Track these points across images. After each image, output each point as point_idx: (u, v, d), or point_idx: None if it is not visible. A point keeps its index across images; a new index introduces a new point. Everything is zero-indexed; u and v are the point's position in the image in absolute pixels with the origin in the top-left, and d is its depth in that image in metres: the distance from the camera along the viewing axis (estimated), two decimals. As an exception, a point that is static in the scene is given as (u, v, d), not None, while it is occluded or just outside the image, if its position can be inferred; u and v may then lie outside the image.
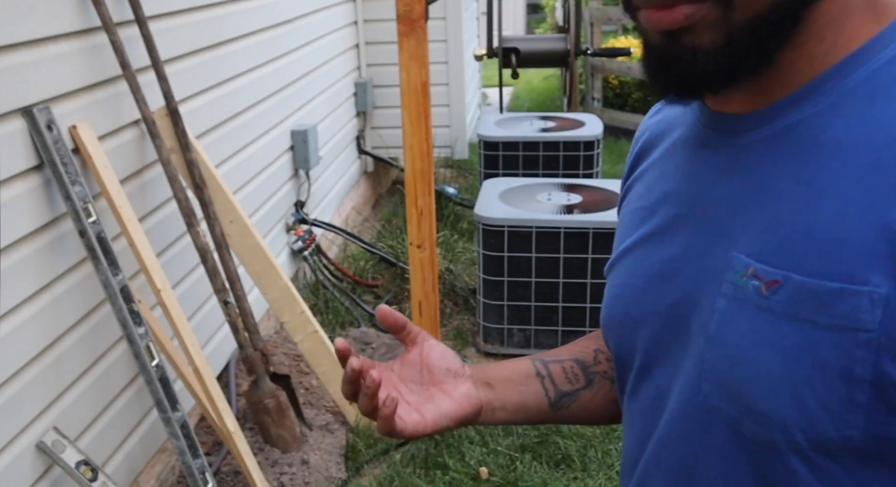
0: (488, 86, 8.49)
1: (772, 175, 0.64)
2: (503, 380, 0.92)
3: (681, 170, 0.74)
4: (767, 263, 0.61)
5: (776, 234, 0.62)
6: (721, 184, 0.68)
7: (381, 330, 3.74)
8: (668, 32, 0.63)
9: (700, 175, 0.71)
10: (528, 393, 0.92)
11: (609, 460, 2.82)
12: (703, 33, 0.62)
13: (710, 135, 0.71)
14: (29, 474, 1.98)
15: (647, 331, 0.75)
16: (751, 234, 0.64)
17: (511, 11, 12.59)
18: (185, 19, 2.80)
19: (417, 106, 2.80)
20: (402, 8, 2.71)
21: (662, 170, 0.77)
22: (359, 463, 2.83)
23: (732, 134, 0.68)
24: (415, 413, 0.83)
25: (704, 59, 0.62)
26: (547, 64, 6.70)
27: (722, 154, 0.69)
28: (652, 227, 0.75)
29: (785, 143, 0.64)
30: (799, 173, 0.62)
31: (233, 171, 3.17)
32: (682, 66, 0.63)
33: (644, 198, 0.79)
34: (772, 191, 0.64)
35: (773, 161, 0.64)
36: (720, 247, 0.66)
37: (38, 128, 1.99)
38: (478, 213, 3.53)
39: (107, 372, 2.30)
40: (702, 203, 0.70)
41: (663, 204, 0.74)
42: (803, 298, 0.59)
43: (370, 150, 5.46)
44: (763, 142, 0.66)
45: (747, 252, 0.63)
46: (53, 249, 2.08)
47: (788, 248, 0.61)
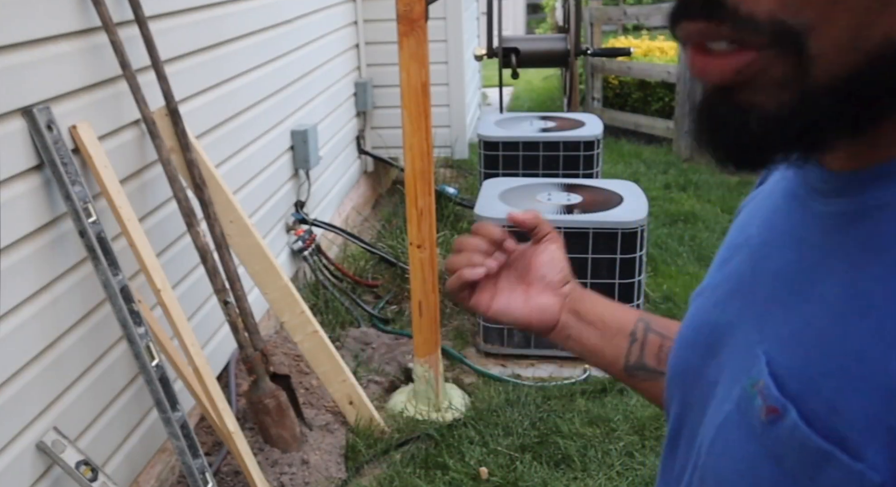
0: (488, 86, 8.49)
1: (827, 264, 0.50)
2: (595, 318, 0.89)
3: (765, 218, 0.61)
4: (777, 381, 0.50)
5: (800, 345, 0.49)
6: (782, 254, 0.55)
7: (381, 330, 3.74)
8: (716, 86, 0.49)
9: (775, 232, 0.58)
10: (609, 345, 0.88)
11: (609, 460, 2.82)
12: (764, 91, 0.47)
13: (801, 185, 0.56)
14: (29, 474, 1.98)
15: (680, 397, 0.65)
16: (779, 333, 0.52)
17: (511, 11, 12.59)
18: (185, 19, 2.80)
19: (417, 106, 2.80)
20: (402, 8, 2.71)
21: (759, 206, 0.64)
22: (359, 463, 2.83)
23: (816, 194, 0.53)
24: (487, 295, 0.89)
25: (760, 124, 0.47)
26: (547, 64, 6.70)
27: (796, 216, 0.55)
28: (722, 277, 0.63)
29: (851, 230, 0.49)
30: (854, 274, 0.48)
31: (233, 171, 3.17)
32: (729, 129, 0.49)
33: (736, 232, 0.66)
34: (819, 286, 0.50)
35: (836, 247, 0.50)
36: (753, 333, 0.55)
37: (38, 128, 1.99)
38: (478, 213, 3.53)
39: (107, 372, 2.30)
40: (760, 267, 0.58)
41: (739, 252, 0.62)
42: (793, 444, 0.47)
43: (370, 150, 5.46)
44: (834, 218, 0.51)
45: (768, 356, 0.51)
46: (53, 249, 2.08)
47: (804, 371, 0.48)
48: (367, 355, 3.51)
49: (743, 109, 0.47)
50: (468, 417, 3.09)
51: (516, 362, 3.55)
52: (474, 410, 3.15)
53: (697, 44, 0.49)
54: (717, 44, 0.48)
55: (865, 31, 0.43)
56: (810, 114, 0.46)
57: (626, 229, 3.35)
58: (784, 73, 0.46)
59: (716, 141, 0.50)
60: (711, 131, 0.50)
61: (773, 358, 0.51)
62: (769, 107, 0.47)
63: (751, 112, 0.47)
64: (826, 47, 0.44)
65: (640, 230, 3.37)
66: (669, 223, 5.05)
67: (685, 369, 0.63)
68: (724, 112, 0.49)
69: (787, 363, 0.50)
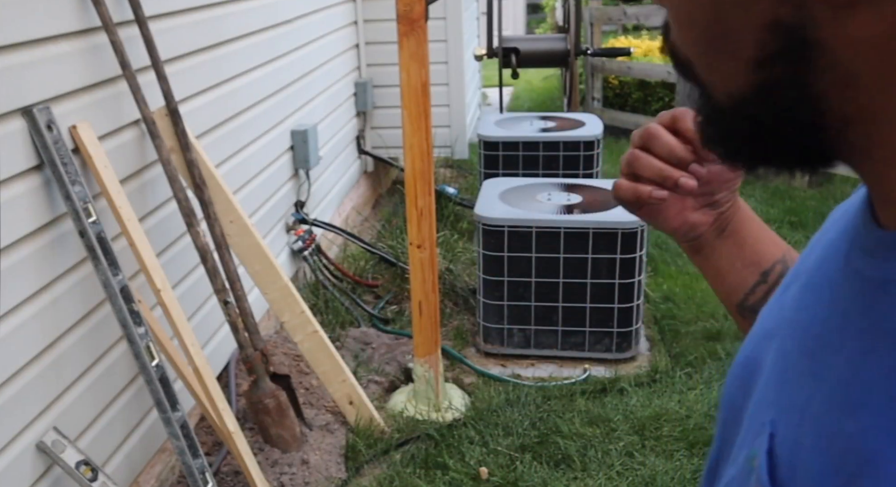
0: (488, 86, 8.49)
1: (842, 338, 0.45)
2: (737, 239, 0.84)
3: (820, 253, 0.55)
4: (772, 463, 0.46)
5: (799, 427, 0.45)
6: (816, 308, 0.50)
7: (381, 330, 3.75)
8: None
9: (819, 277, 0.53)
10: (735, 273, 0.84)
11: (609, 460, 2.82)
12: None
13: (851, 231, 0.50)
14: (29, 474, 1.98)
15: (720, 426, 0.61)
16: (788, 403, 0.48)
17: (511, 11, 12.59)
18: (185, 19, 2.80)
19: (417, 106, 2.80)
20: (402, 8, 2.71)
21: (825, 232, 0.58)
22: (359, 463, 2.83)
23: (857, 247, 0.48)
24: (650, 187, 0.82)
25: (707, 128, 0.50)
26: (547, 64, 6.70)
27: (838, 266, 0.50)
28: (777, 306, 0.59)
29: (874, 302, 0.44)
30: (860, 359, 0.43)
31: (233, 171, 3.17)
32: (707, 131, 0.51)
33: (803, 258, 0.60)
34: (829, 362, 0.45)
35: (855, 319, 0.45)
36: (772, 391, 0.51)
37: (38, 128, 1.99)
38: (478, 213, 3.53)
39: (107, 372, 2.30)
40: (796, 317, 0.53)
41: (794, 284, 0.57)
42: None
43: (370, 150, 5.46)
44: (861, 284, 0.46)
45: (773, 427, 0.48)
46: (53, 249, 2.08)
47: (795, 459, 0.44)
48: (367, 355, 3.51)
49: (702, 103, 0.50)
50: (468, 417, 3.09)
51: (516, 362, 3.55)
52: (474, 410, 3.15)
53: None
54: None
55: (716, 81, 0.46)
56: (723, 129, 0.48)
57: (626, 229, 3.35)
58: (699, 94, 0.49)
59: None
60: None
61: (776, 433, 0.47)
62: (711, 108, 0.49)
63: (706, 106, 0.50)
64: (704, 82, 0.48)
65: (640, 230, 3.37)
66: (669, 223, 5.03)
67: (731, 403, 0.59)
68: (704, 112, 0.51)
69: (784, 443, 0.46)
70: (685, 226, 0.85)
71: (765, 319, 0.59)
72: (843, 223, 0.53)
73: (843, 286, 0.48)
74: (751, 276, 0.83)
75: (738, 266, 0.84)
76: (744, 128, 0.46)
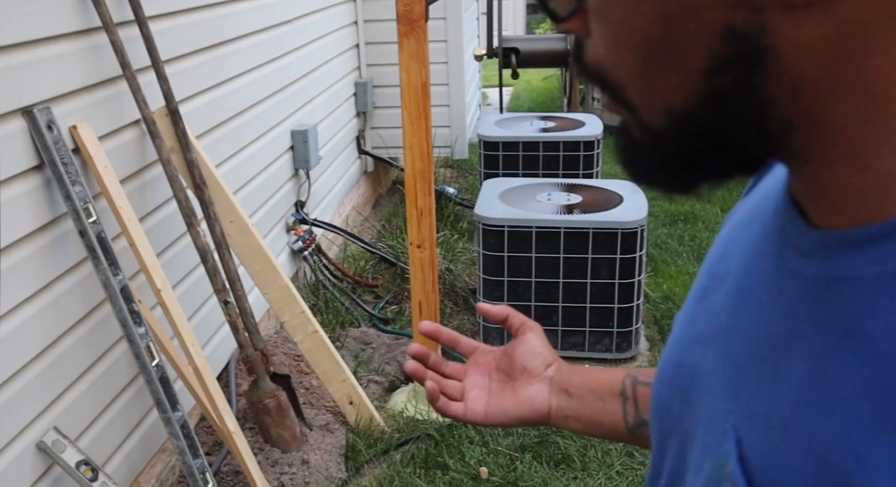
0: (488, 86, 8.49)
1: (796, 339, 0.45)
2: (584, 389, 0.87)
3: (744, 255, 0.55)
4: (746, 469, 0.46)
5: (768, 430, 0.45)
6: (757, 312, 0.50)
7: (381, 330, 3.75)
8: None
9: (751, 280, 0.52)
10: (604, 412, 0.86)
11: (609, 460, 2.82)
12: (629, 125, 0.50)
13: (779, 232, 0.50)
14: (29, 474, 1.98)
15: (657, 436, 0.62)
16: (749, 411, 0.47)
17: (511, 11, 12.59)
18: (185, 19, 2.80)
19: (417, 106, 2.80)
20: (402, 8, 2.71)
21: (742, 232, 0.57)
22: (359, 463, 2.83)
23: (791, 248, 0.48)
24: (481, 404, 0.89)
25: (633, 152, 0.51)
26: (547, 64, 6.71)
27: (771, 267, 0.50)
28: (700, 312, 0.58)
29: (823, 302, 0.44)
30: (821, 358, 0.43)
31: (233, 171, 3.17)
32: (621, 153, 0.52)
33: (717, 256, 0.60)
34: (786, 365, 0.45)
35: (806, 319, 0.45)
36: (725, 401, 0.50)
37: (38, 128, 1.99)
38: (478, 213, 3.53)
39: (107, 372, 2.30)
40: (735, 321, 0.52)
41: (718, 288, 0.56)
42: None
43: (370, 150, 5.46)
44: (807, 284, 0.45)
45: (737, 434, 0.47)
46: (53, 249, 2.08)
47: (770, 462, 0.44)
48: (367, 355, 3.51)
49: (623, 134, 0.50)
50: (468, 417, 3.09)
51: (516, 362, 3.55)
52: (474, 410, 3.14)
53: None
54: None
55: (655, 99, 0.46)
56: (660, 151, 0.48)
57: (626, 229, 3.35)
58: (626, 116, 0.49)
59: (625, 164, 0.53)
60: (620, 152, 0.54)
61: (743, 439, 0.47)
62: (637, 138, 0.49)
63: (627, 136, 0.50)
64: (637, 103, 0.47)
65: (640, 230, 3.37)
66: (669, 223, 5.05)
67: (665, 410, 0.59)
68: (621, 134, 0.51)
69: (754, 449, 0.46)
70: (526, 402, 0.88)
71: (692, 325, 0.58)
72: (759, 226, 0.54)
73: (782, 288, 0.48)
74: (616, 404, 0.86)
75: (601, 405, 0.86)
76: (684, 145, 0.46)
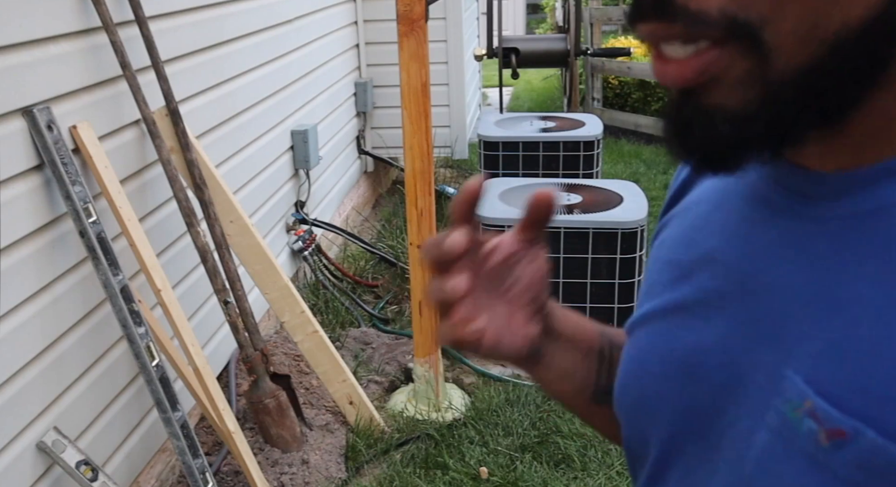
0: (488, 86, 8.49)
1: (850, 270, 0.46)
2: (567, 337, 0.73)
3: (730, 229, 0.56)
4: (831, 401, 0.45)
5: (848, 360, 0.45)
6: (781, 265, 0.50)
7: (381, 330, 3.75)
8: (681, 90, 0.48)
9: (755, 244, 0.53)
10: (581, 366, 0.73)
11: (609, 460, 2.82)
12: (728, 91, 0.45)
13: (775, 191, 0.52)
14: (29, 474, 1.98)
15: (662, 432, 0.59)
16: (811, 349, 0.47)
17: (511, 11, 12.60)
18: (185, 19, 2.80)
19: (417, 106, 2.80)
20: (402, 8, 2.71)
21: (708, 218, 0.59)
22: (359, 463, 2.83)
23: (805, 199, 0.50)
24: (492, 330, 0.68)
25: (727, 125, 0.46)
26: (547, 64, 6.71)
27: (787, 223, 0.51)
28: (684, 296, 0.58)
29: (873, 230, 0.46)
30: (886, 277, 0.45)
31: (233, 171, 3.17)
32: (697, 133, 0.47)
33: (681, 249, 0.60)
34: (849, 295, 0.46)
35: (854, 251, 0.46)
36: (769, 353, 0.50)
37: (38, 128, 1.99)
38: (478, 213, 3.53)
39: (107, 372, 2.30)
40: (752, 283, 0.52)
41: (703, 268, 0.57)
42: (877, 465, 0.43)
43: (370, 150, 5.46)
44: (843, 221, 0.48)
45: (805, 374, 0.47)
46: (53, 249, 2.08)
47: (864, 386, 0.44)
48: (367, 355, 3.51)
49: (708, 111, 0.46)
50: (468, 417, 3.09)
51: (516, 362, 3.55)
52: (474, 410, 3.15)
53: (656, 47, 0.48)
54: (671, 45, 0.47)
55: (821, 19, 0.42)
56: (776, 110, 0.45)
57: (626, 229, 3.35)
58: (745, 70, 0.44)
59: (686, 145, 0.49)
60: (680, 136, 0.49)
61: (812, 377, 0.46)
62: (734, 107, 0.45)
63: (716, 113, 0.46)
64: (783, 39, 0.43)
65: (640, 230, 3.37)
66: (669, 223, 5.04)
67: (662, 403, 0.57)
68: (689, 115, 0.47)
69: (833, 379, 0.45)
70: (528, 342, 0.69)
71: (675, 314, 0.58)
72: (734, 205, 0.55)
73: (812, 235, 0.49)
74: (592, 362, 0.74)
75: (580, 358, 0.73)
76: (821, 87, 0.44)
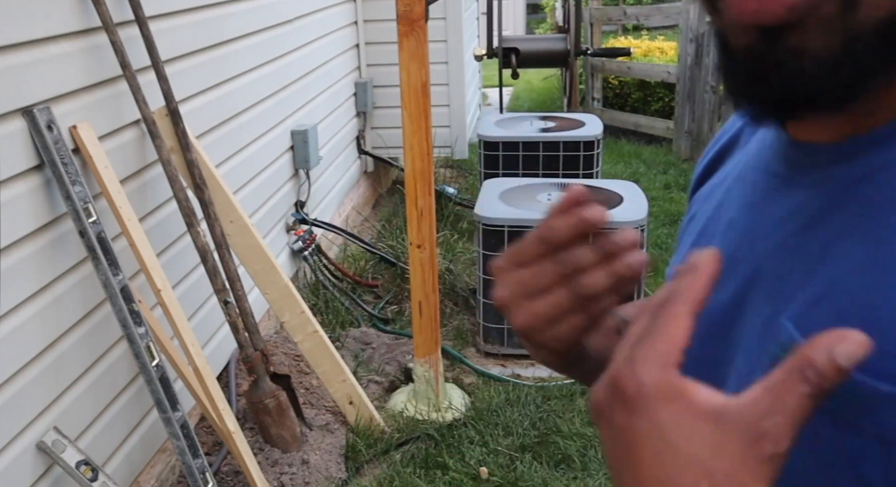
0: (488, 86, 8.49)
1: (837, 229, 0.51)
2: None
3: (746, 199, 0.60)
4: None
5: (831, 307, 0.50)
6: (781, 228, 0.55)
7: (381, 330, 3.75)
8: (764, 30, 0.47)
9: (761, 212, 0.58)
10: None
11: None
12: (813, 34, 0.45)
13: (780, 164, 0.57)
14: (29, 474, 1.98)
15: None
16: (802, 298, 0.52)
17: (511, 11, 12.59)
18: (185, 19, 2.80)
19: (417, 106, 2.80)
20: (402, 8, 2.71)
21: (730, 191, 0.63)
22: (359, 463, 2.83)
23: (803, 169, 0.54)
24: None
25: (815, 68, 0.46)
26: (547, 64, 6.71)
27: (787, 191, 0.55)
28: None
29: (858, 194, 0.50)
30: (869, 234, 0.49)
31: (233, 171, 3.17)
32: (783, 76, 0.47)
33: (710, 219, 0.65)
34: (835, 251, 0.51)
35: (842, 213, 0.51)
36: (769, 306, 0.55)
37: (38, 128, 1.99)
38: (478, 213, 3.53)
39: (107, 372, 2.30)
40: (758, 247, 0.57)
41: (724, 236, 0.62)
42: (849, 397, 0.47)
43: (370, 150, 5.46)
44: (833, 187, 0.52)
45: (795, 321, 0.51)
46: (54, 249, 2.08)
47: (844, 324, 0.47)
48: (367, 355, 3.51)
49: (797, 53, 0.46)
50: (468, 417, 3.09)
51: (516, 362, 3.55)
52: (474, 410, 3.15)
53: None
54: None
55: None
56: (858, 58, 0.45)
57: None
58: (832, 13, 0.45)
59: (767, 89, 0.49)
60: (761, 79, 0.49)
61: (802, 322, 0.50)
62: (820, 51, 0.46)
63: (805, 55, 0.46)
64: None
65: (640, 230, 3.38)
66: (669, 223, 5.05)
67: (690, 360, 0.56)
68: (777, 56, 0.47)
69: (818, 324, 0.47)
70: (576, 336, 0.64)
71: None
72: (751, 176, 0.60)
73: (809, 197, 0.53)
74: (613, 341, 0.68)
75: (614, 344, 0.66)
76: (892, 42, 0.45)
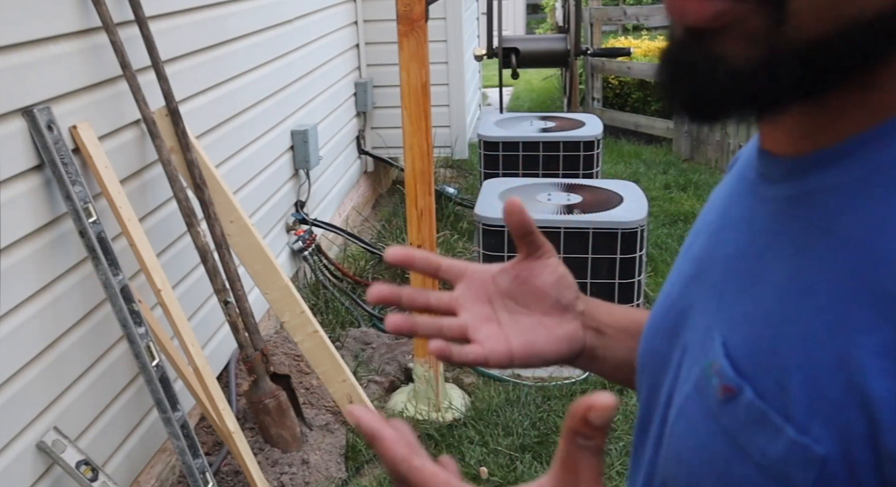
0: (488, 86, 8.49)
1: (773, 248, 0.51)
2: (616, 329, 0.78)
3: (719, 204, 0.62)
4: (732, 362, 0.50)
5: (751, 326, 0.50)
6: (735, 238, 0.56)
7: (381, 330, 3.75)
8: (689, 29, 0.47)
9: (728, 218, 0.58)
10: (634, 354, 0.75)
11: (609, 460, 2.82)
12: (736, 42, 0.45)
13: (751, 172, 0.57)
14: (29, 474, 1.98)
15: (646, 383, 0.64)
16: (733, 313, 0.53)
17: (511, 11, 12.60)
18: (185, 19, 2.80)
19: (417, 106, 2.80)
20: (402, 8, 2.71)
21: (714, 199, 0.65)
22: (359, 463, 2.83)
23: (766, 180, 0.54)
24: (502, 342, 0.73)
25: (726, 76, 0.46)
26: (547, 64, 6.71)
27: (748, 201, 0.56)
28: (684, 265, 0.63)
29: (795, 214, 0.50)
30: (799, 256, 0.49)
31: (233, 171, 3.17)
32: (694, 77, 0.48)
33: (699, 221, 0.66)
34: (765, 270, 0.51)
35: (779, 231, 0.51)
36: (709, 316, 0.55)
37: (38, 128, 1.99)
38: (478, 213, 3.53)
39: (107, 372, 2.30)
40: (716, 253, 0.58)
41: (698, 239, 0.63)
42: (748, 421, 0.48)
43: (370, 150, 5.46)
44: (779, 203, 0.52)
45: (724, 337, 0.52)
46: (54, 249, 2.08)
47: (756, 350, 0.49)
48: (367, 355, 3.51)
49: (713, 58, 0.46)
50: (468, 417, 3.09)
51: (516, 362, 3.55)
52: (474, 410, 3.15)
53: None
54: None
55: (844, 2, 0.43)
56: (775, 75, 0.45)
57: (626, 229, 3.35)
58: (759, 27, 0.44)
59: (679, 87, 0.49)
60: (676, 77, 0.49)
61: (728, 340, 0.51)
62: (737, 60, 0.45)
63: (720, 62, 0.46)
64: (803, 10, 0.43)
65: (640, 230, 3.37)
66: (669, 223, 5.05)
67: (653, 355, 0.63)
68: (693, 57, 0.47)
69: (739, 343, 0.50)
70: (566, 341, 0.75)
71: (678, 273, 0.63)
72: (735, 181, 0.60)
73: (757, 213, 0.54)
74: None
75: (634, 345, 0.75)
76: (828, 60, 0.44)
